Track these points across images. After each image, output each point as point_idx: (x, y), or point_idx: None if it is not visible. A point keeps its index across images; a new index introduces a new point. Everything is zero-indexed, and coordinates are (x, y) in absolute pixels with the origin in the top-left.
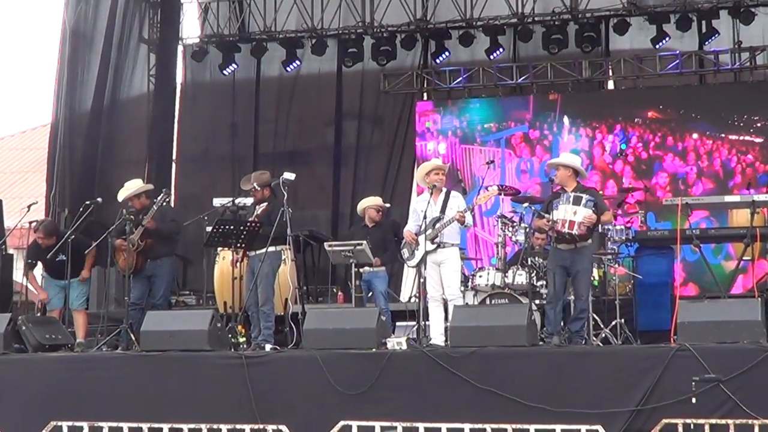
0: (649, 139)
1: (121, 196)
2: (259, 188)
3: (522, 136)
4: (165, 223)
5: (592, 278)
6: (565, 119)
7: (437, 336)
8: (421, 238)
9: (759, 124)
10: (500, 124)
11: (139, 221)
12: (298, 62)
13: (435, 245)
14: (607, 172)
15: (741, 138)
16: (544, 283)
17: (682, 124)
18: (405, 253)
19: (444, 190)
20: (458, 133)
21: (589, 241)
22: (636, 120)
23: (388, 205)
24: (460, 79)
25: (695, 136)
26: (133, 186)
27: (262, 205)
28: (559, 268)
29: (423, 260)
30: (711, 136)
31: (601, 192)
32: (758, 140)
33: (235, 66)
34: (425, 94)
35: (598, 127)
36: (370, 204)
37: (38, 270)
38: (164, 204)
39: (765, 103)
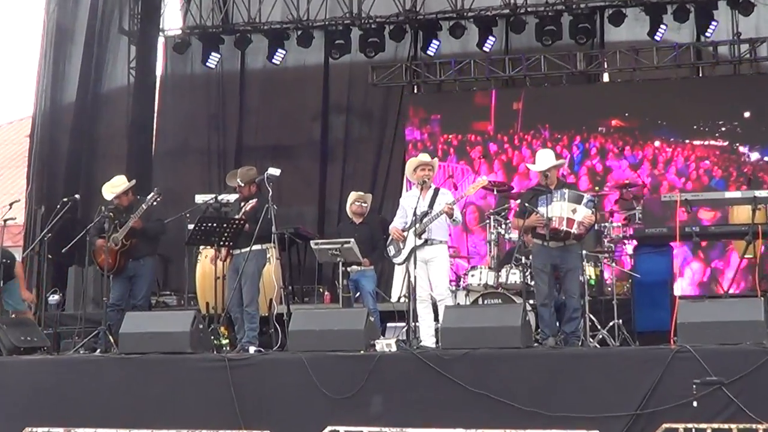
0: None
1: (109, 193)
2: (244, 185)
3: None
4: (151, 222)
5: (588, 277)
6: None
7: (428, 337)
8: (409, 235)
9: (724, 129)
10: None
11: (124, 219)
12: (283, 54)
13: (422, 241)
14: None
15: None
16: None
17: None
18: (391, 250)
19: (433, 186)
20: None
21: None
22: (600, 129)
23: (369, 195)
24: (451, 71)
25: (657, 143)
26: (120, 183)
27: (251, 201)
28: (549, 267)
29: (410, 257)
30: (673, 142)
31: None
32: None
33: (218, 58)
34: (415, 87)
35: (560, 138)
36: (352, 198)
37: None
38: (153, 204)
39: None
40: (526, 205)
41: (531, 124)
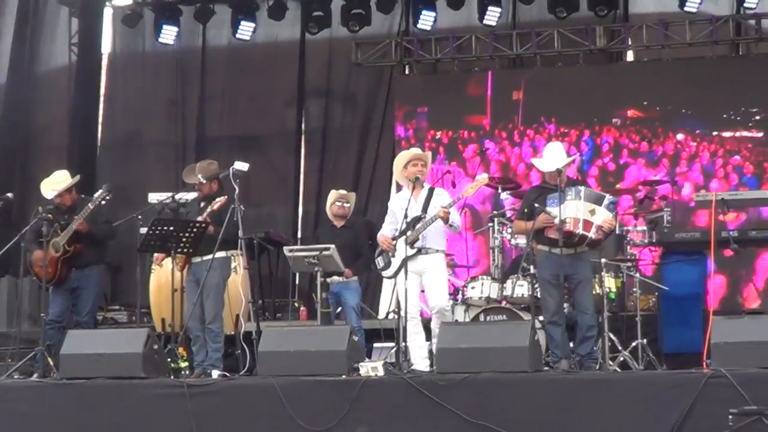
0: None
1: (49, 191)
2: (205, 181)
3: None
4: (98, 224)
5: (608, 290)
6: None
7: (420, 360)
8: (400, 243)
9: (758, 117)
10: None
11: (67, 222)
12: (252, 28)
13: (415, 250)
14: None
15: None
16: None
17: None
18: (380, 262)
19: (426, 186)
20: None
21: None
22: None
23: (352, 194)
24: (449, 49)
25: (680, 136)
26: (61, 179)
27: (219, 199)
28: (557, 277)
29: (402, 269)
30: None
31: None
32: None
33: (176, 33)
34: (406, 67)
35: (566, 133)
36: (332, 197)
37: None
38: (102, 203)
39: None
40: (536, 205)
41: (533, 116)
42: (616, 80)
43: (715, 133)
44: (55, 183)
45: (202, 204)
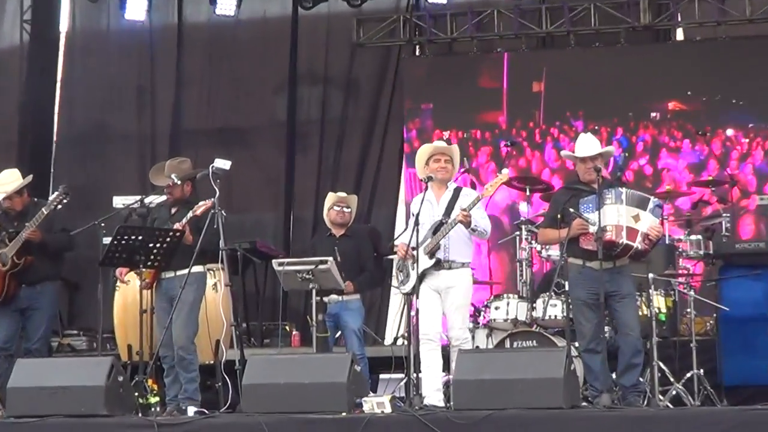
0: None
1: None
2: (178, 182)
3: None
4: (53, 233)
5: (657, 310)
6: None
7: (434, 393)
8: (419, 254)
9: None
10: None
11: (16, 230)
12: (235, 3)
13: (433, 261)
14: None
15: None
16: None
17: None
18: (399, 276)
19: (452, 186)
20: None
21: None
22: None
23: (353, 197)
24: (467, 26)
25: (729, 132)
26: (10, 179)
27: (204, 202)
28: (594, 296)
29: (420, 284)
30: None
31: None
32: None
33: (146, 8)
34: (417, 48)
35: (597, 130)
36: (330, 201)
37: None
38: (58, 207)
39: None
40: (570, 210)
41: (558, 112)
42: (660, 64)
43: None
44: (3, 184)
45: (174, 209)
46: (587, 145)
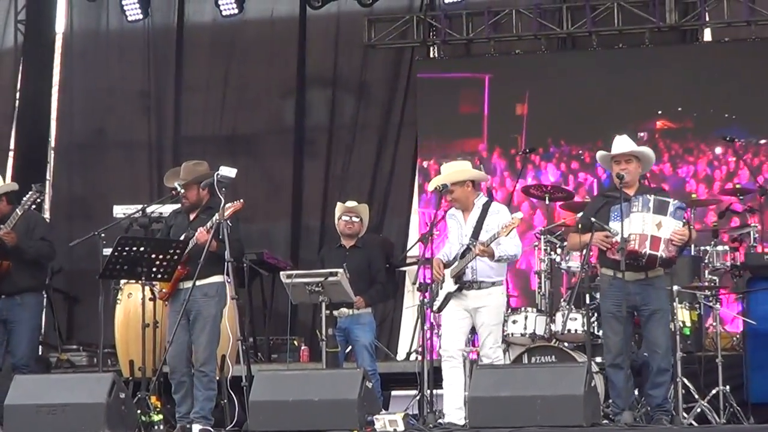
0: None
1: None
2: (182, 191)
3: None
4: (31, 240)
5: (681, 324)
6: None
7: (454, 411)
8: (447, 273)
9: None
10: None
11: None
12: (240, 2)
13: (457, 286)
14: None
15: None
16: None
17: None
18: (433, 290)
19: (480, 201)
20: None
21: (662, 269)
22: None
23: (364, 206)
24: (484, 26)
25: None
26: None
27: (231, 204)
28: (623, 309)
29: (446, 303)
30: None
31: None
32: None
33: (147, 8)
34: (431, 49)
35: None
36: (339, 211)
37: None
38: (32, 207)
39: None
40: (592, 219)
41: (539, 136)
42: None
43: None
44: None
45: (192, 215)
46: (618, 144)
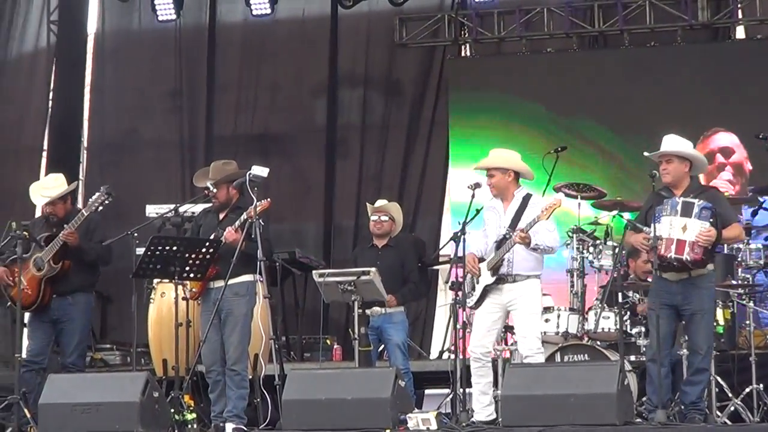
0: None
1: (39, 197)
2: (214, 190)
3: None
4: (92, 242)
5: (715, 323)
6: None
7: (482, 410)
8: (483, 267)
9: None
10: None
11: (53, 234)
12: (271, 3)
13: (494, 278)
14: None
15: None
16: (643, 330)
17: None
18: (465, 288)
19: (521, 192)
20: None
21: (710, 267)
22: None
23: (395, 205)
24: (515, 25)
25: None
26: (55, 184)
27: (261, 202)
28: (666, 308)
29: (483, 299)
30: None
31: (727, 193)
32: None
33: (178, 8)
34: (463, 48)
35: None
36: (369, 211)
37: None
38: (99, 209)
39: None
40: (627, 220)
41: None
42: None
43: None
44: (47, 188)
45: (222, 215)
46: (663, 143)
